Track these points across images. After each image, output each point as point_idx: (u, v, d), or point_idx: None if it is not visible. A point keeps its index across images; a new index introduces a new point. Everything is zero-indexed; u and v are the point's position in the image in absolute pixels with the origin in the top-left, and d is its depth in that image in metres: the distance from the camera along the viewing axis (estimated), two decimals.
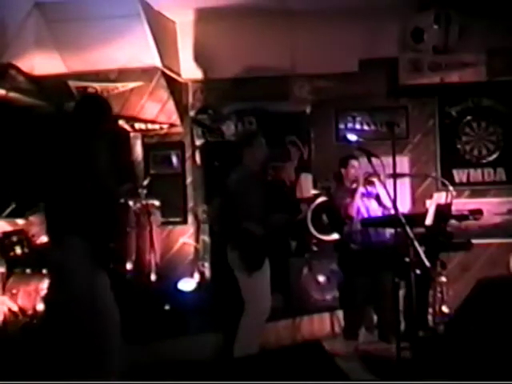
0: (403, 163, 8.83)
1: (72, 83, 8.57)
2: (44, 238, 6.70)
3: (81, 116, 5.10)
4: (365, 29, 8.56)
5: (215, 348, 6.88)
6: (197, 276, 8.77)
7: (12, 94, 7.94)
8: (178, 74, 9.20)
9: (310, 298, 8.34)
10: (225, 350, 6.70)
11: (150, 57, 8.38)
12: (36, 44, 8.26)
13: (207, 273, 9.09)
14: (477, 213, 7.37)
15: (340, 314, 7.86)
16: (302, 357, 4.78)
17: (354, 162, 7.34)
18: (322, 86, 8.98)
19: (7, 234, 6.93)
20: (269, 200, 6.44)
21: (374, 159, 5.94)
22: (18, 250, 7.00)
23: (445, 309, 7.30)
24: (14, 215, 7.17)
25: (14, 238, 7.00)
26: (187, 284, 8.55)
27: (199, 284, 8.57)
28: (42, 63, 8.44)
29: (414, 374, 5.35)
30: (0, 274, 6.64)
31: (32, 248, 7.09)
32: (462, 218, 7.34)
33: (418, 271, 5.75)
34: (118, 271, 7.02)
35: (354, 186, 7.33)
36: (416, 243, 5.31)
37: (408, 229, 5.35)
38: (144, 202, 8.06)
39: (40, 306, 6.44)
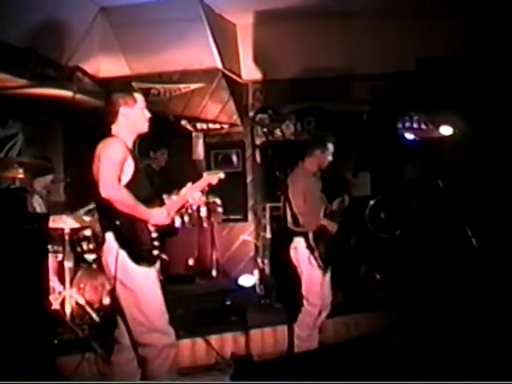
0: None
1: (136, 85, 8.70)
2: None
3: None
4: (422, 28, 8.51)
5: (275, 343, 7.02)
6: (256, 272, 8.89)
7: (78, 96, 8.16)
8: (239, 75, 9.34)
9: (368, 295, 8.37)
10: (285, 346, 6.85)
11: (211, 59, 8.53)
12: (101, 47, 8.53)
13: (267, 269, 9.22)
14: None
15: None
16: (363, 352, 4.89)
17: None
18: (380, 85, 8.99)
19: (75, 231, 7.10)
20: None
21: None
22: (85, 246, 7.21)
23: None
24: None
25: (82, 235, 7.20)
26: (247, 280, 8.69)
27: (259, 280, 8.69)
28: (107, 66, 8.72)
29: None
30: (68, 269, 6.81)
31: (98, 244, 7.24)
32: None
33: None
34: None
35: None
36: None
37: None
38: (205, 200, 8.18)
39: (106, 300, 6.61)
